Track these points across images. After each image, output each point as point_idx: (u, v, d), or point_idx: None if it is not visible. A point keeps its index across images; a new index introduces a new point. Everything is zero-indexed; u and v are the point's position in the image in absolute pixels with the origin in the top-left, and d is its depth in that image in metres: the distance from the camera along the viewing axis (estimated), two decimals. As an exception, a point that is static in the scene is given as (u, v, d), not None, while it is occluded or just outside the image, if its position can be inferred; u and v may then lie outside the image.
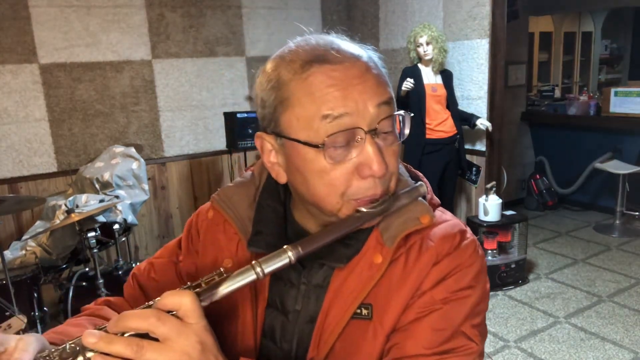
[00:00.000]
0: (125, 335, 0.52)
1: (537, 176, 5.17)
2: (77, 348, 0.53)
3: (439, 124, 3.51)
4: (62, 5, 3.41)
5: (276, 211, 0.77)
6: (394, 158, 0.68)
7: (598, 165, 4.61)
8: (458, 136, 3.55)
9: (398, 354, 0.64)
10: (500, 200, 3.44)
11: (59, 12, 3.41)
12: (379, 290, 0.67)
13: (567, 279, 3.61)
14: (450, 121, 3.53)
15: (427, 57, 3.44)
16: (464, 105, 3.70)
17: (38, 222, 3.15)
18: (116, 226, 2.86)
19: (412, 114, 0.75)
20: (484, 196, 3.47)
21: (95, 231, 2.66)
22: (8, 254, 2.81)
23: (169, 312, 0.54)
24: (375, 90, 0.64)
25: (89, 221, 2.66)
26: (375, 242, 0.69)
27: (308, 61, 0.64)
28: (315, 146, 0.63)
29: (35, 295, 2.63)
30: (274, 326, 0.73)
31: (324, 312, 0.68)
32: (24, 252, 2.87)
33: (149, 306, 0.56)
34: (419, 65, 3.52)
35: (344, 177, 0.64)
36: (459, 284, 0.67)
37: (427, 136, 3.51)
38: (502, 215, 3.47)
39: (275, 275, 0.72)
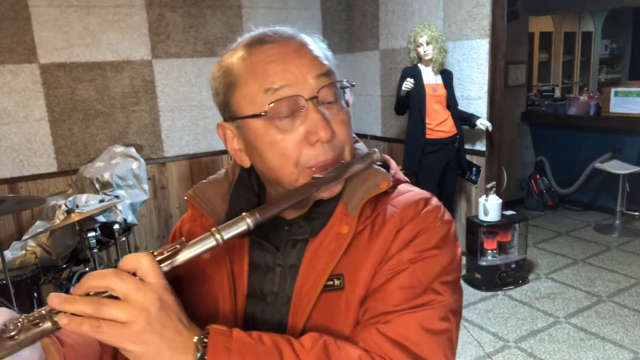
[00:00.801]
0: (90, 294, 0.54)
1: (537, 176, 5.18)
2: (44, 312, 0.54)
3: (439, 124, 3.51)
4: (62, 5, 3.41)
5: (250, 202, 0.79)
6: (342, 126, 0.70)
7: (598, 165, 4.61)
8: (458, 136, 3.55)
9: (369, 315, 0.66)
10: (500, 200, 3.44)
11: (59, 12, 3.41)
12: (348, 259, 0.69)
13: (567, 279, 3.61)
14: (450, 121, 3.53)
15: (427, 57, 3.44)
16: (464, 105, 3.70)
17: (38, 222, 3.15)
18: (116, 226, 2.86)
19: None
20: (484, 196, 3.47)
21: (95, 231, 2.66)
22: (8, 254, 2.81)
23: (131, 273, 0.56)
24: (313, 64, 0.68)
25: (89, 221, 2.66)
26: (340, 214, 0.71)
27: (248, 44, 0.70)
28: (259, 115, 0.67)
29: (35, 295, 2.63)
30: (255, 314, 0.74)
31: (298, 288, 0.70)
32: (24, 252, 2.86)
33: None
34: (419, 65, 3.52)
35: (293, 145, 0.67)
36: (425, 245, 0.68)
37: (427, 136, 3.51)
38: (502, 215, 3.47)
39: (254, 264, 0.76)
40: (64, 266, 2.89)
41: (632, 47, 7.56)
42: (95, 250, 2.65)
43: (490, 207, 3.40)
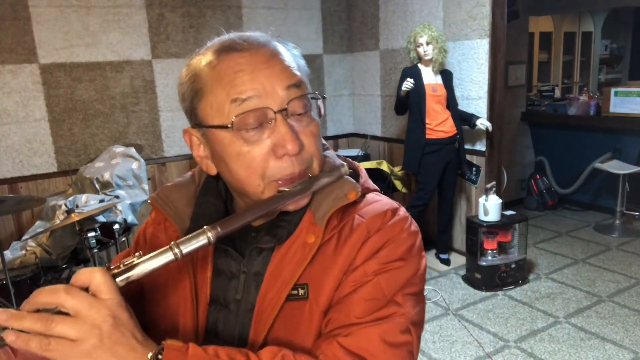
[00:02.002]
0: (40, 311, 0.53)
1: (537, 176, 5.18)
2: None
3: (439, 124, 3.51)
4: (62, 5, 3.41)
5: (216, 207, 0.77)
6: (311, 139, 0.69)
7: (598, 165, 4.61)
8: (458, 136, 3.55)
9: (332, 326, 0.66)
10: (500, 200, 3.44)
11: (59, 12, 3.41)
12: (314, 269, 0.68)
13: (567, 279, 3.61)
14: (450, 121, 3.53)
15: (427, 57, 3.44)
16: (464, 105, 3.70)
17: (38, 222, 3.15)
18: (116, 226, 2.86)
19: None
20: (484, 196, 3.47)
21: (95, 231, 2.66)
22: (8, 254, 2.81)
23: (84, 289, 0.54)
24: (283, 74, 0.67)
25: (89, 221, 2.66)
26: (308, 223, 0.70)
27: (217, 50, 0.68)
28: (225, 127, 0.65)
29: (35, 295, 2.62)
30: (217, 322, 0.73)
31: (262, 297, 0.69)
32: (24, 252, 2.86)
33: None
34: (419, 65, 3.52)
35: (260, 157, 0.66)
36: (391, 256, 0.68)
37: (427, 136, 3.51)
38: (502, 215, 3.47)
39: (218, 270, 0.74)
40: (64, 266, 2.89)
41: (632, 47, 7.56)
42: (95, 250, 2.65)
43: (490, 207, 3.40)
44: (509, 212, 3.57)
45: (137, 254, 0.59)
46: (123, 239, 3.06)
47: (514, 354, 2.73)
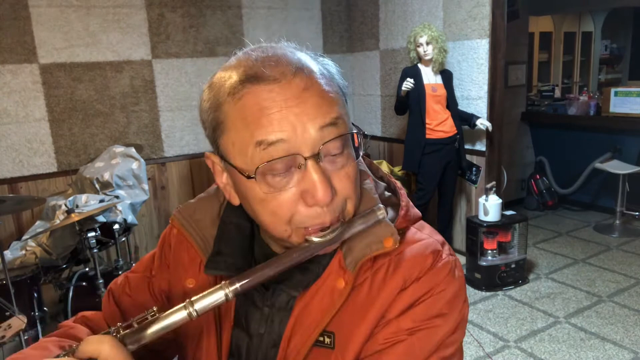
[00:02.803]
0: None
1: (537, 176, 5.18)
2: None
3: (439, 124, 3.51)
4: (62, 5, 3.41)
5: (241, 228, 0.71)
6: (347, 181, 0.61)
7: (598, 165, 4.61)
8: (458, 136, 3.55)
9: None
10: (500, 200, 3.44)
11: (59, 12, 3.41)
12: (343, 317, 0.62)
13: (567, 279, 3.61)
14: (450, 121, 3.53)
15: (427, 57, 3.44)
16: (464, 105, 3.70)
17: (38, 222, 3.15)
18: (116, 226, 2.86)
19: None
20: (484, 196, 3.47)
21: (95, 231, 2.66)
22: (8, 254, 2.81)
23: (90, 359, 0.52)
24: (317, 111, 0.57)
25: (89, 221, 2.66)
26: (337, 266, 0.63)
27: (241, 80, 0.59)
28: (248, 177, 0.58)
29: (35, 295, 2.63)
30: (240, 347, 0.70)
31: (286, 339, 0.65)
32: (24, 252, 2.86)
33: (73, 351, 0.53)
34: (419, 65, 3.52)
35: (287, 205, 0.59)
36: (429, 312, 0.61)
37: (427, 136, 3.51)
38: (502, 215, 3.47)
39: (243, 295, 0.68)
40: (64, 266, 2.89)
41: (632, 47, 7.55)
42: (95, 250, 2.65)
43: (490, 207, 3.40)
44: (509, 212, 3.57)
45: (150, 311, 0.56)
46: (123, 239, 3.06)
47: (514, 354, 2.73)
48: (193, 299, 0.56)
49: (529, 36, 5.45)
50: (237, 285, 0.57)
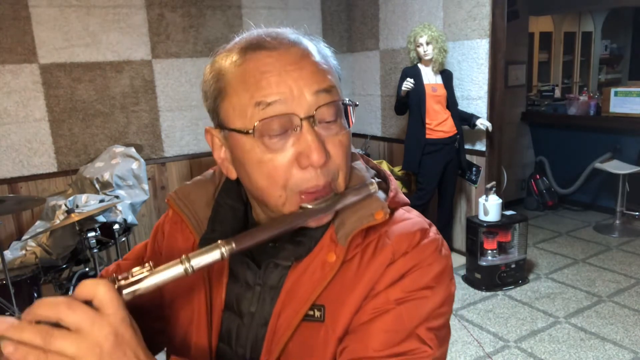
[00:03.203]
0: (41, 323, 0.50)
1: (537, 176, 5.18)
2: None
3: (439, 124, 3.51)
4: (62, 5, 3.41)
5: (235, 210, 0.74)
6: (339, 149, 0.64)
7: (598, 165, 4.61)
8: (458, 136, 3.55)
9: (347, 356, 0.62)
10: (500, 200, 3.44)
11: (59, 12, 3.41)
12: (332, 290, 0.64)
13: (567, 279, 3.61)
14: (450, 121, 3.53)
15: (427, 57, 3.44)
16: (464, 105, 3.70)
17: (38, 222, 3.15)
18: (116, 226, 2.86)
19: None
20: (484, 196, 3.47)
21: (95, 231, 2.66)
22: (8, 254, 2.81)
23: (87, 302, 0.51)
24: (313, 77, 0.62)
25: (89, 221, 2.66)
26: (329, 240, 0.66)
27: (243, 48, 0.64)
28: (247, 132, 0.61)
29: (35, 295, 2.63)
30: (231, 330, 0.71)
31: (276, 314, 0.66)
32: (24, 252, 2.86)
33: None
34: (419, 65, 3.52)
35: (283, 167, 0.62)
36: (416, 284, 0.63)
37: (427, 136, 3.51)
38: (502, 215, 3.47)
39: (234, 276, 0.71)
40: (64, 266, 2.89)
41: (632, 47, 7.55)
42: (95, 250, 2.65)
43: (490, 207, 3.40)
44: (509, 212, 3.57)
45: (147, 264, 0.56)
46: (123, 239, 3.06)
47: (514, 354, 2.73)
48: (190, 254, 0.56)
49: (529, 36, 5.46)
50: (233, 244, 0.58)
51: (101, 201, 2.87)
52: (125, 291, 0.54)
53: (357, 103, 0.68)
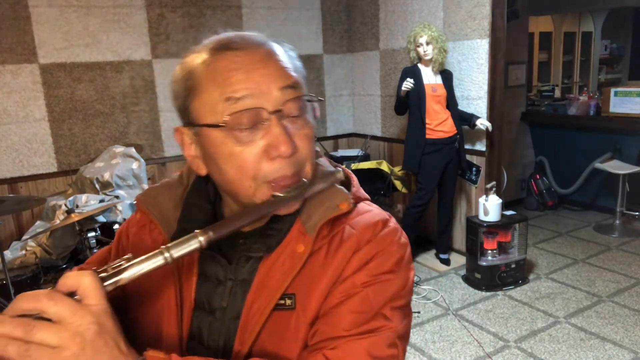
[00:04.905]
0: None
1: (537, 176, 5.18)
2: None
3: (439, 124, 3.51)
4: (62, 5, 3.41)
5: (203, 210, 0.76)
6: (305, 141, 0.68)
7: (598, 165, 4.61)
8: (458, 136, 3.55)
9: (318, 338, 0.65)
10: (500, 200, 3.44)
11: (59, 12, 3.41)
12: (302, 279, 0.67)
13: (567, 279, 3.61)
14: (450, 121, 3.53)
15: (427, 57, 3.44)
16: (464, 105, 3.70)
17: (38, 222, 3.15)
18: (116, 226, 2.87)
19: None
20: (484, 196, 3.47)
21: (95, 231, 2.66)
22: (8, 254, 2.81)
23: (70, 294, 0.52)
24: (279, 74, 0.66)
25: (89, 221, 2.66)
26: (297, 232, 0.69)
27: (212, 49, 0.68)
28: (218, 125, 0.64)
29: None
30: (201, 328, 0.73)
31: (248, 306, 0.69)
32: (24, 252, 2.87)
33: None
34: (419, 65, 3.52)
35: (252, 158, 0.65)
36: (380, 268, 0.68)
37: (427, 136, 3.51)
38: (502, 215, 3.47)
39: (204, 275, 0.73)
40: (64, 266, 2.89)
41: (632, 47, 7.56)
42: (95, 251, 2.65)
43: (490, 207, 3.40)
44: (509, 212, 3.57)
45: (126, 257, 0.58)
46: (123, 239, 3.06)
47: (514, 354, 2.73)
48: (168, 245, 0.58)
49: (529, 36, 5.46)
50: (210, 232, 0.60)
51: (101, 201, 2.87)
52: (106, 283, 0.55)
53: (322, 99, 0.73)
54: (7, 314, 0.51)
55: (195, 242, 0.59)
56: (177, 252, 0.58)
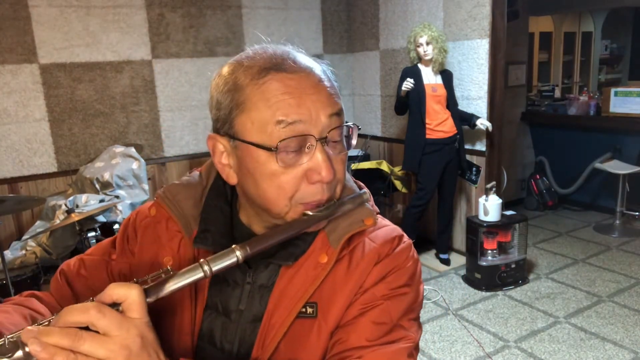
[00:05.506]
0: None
1: (537, 176, 5.18)
2: (17, 342, 0.52)
3: (439, 124, 3.51)
4: (62, 5, 3.41)
5: (223, 211, 0.78)
6: (341, 166, 0.71)
7: (598, 165, 4.61)
8: (458, 136, 3.55)
9: (341, 347, 0.67)
10: (500, 200, 3.44)
11: (59, 12, 3.41)
12: (324, 289, 0.70)
13: (567, 279, 3.61)
14: (450, 121, 3.53)
15: (427, 57, 3.44)
16: (464, 105, 3.70)
17: (38, 222, 3.15)
18: (116, 226, 2.87)
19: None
20: (484, 196, 3.47)
21: (95, 231, 2.66)
22: (8, 254, 2.81)
23: (113, 304, 0.54)
24: (327, 101, 0.67)
25: (89, 221, 2.66)
26: (321, 244, 0.72)
27: (265, 68, 0.67)
28: (269, 149, 0.65)
29: (35, 295, 2.62)
30: (213, 328, 0.74)
31: (269, 312, 0.70)
32: (24, 252, 2.87)
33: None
34: (419, 65, 3.52)
35: (293, 181, 0.67)
36: (397, 282, 0.71)
37: (427, 136, 3.51)
38: (502, 215, 3.47)
39: (217, 276, 0.73)
40: (64, 266, 2.89)
41: (632, 47, 7.56)
42: (95, 250, 2.65)
43: (490, 207, 3.40)
44: (509, 212, 3.57)
45: (165, 269, 0.60)
46: (123, 239, 3.06)
47: (514, 354, 2.73)
48: (208, 258, 0.60)
49: (529, 36, 5.45)
50: (247, 248, 0.62)
51: (101, 201, 2.87)
52: (149, 298, 0.57)
53: (360, 127, 0.75)
54: (54, 324, 0.52)
55: (233, 257, 0.61)
56: (216, 266, 0.60)
